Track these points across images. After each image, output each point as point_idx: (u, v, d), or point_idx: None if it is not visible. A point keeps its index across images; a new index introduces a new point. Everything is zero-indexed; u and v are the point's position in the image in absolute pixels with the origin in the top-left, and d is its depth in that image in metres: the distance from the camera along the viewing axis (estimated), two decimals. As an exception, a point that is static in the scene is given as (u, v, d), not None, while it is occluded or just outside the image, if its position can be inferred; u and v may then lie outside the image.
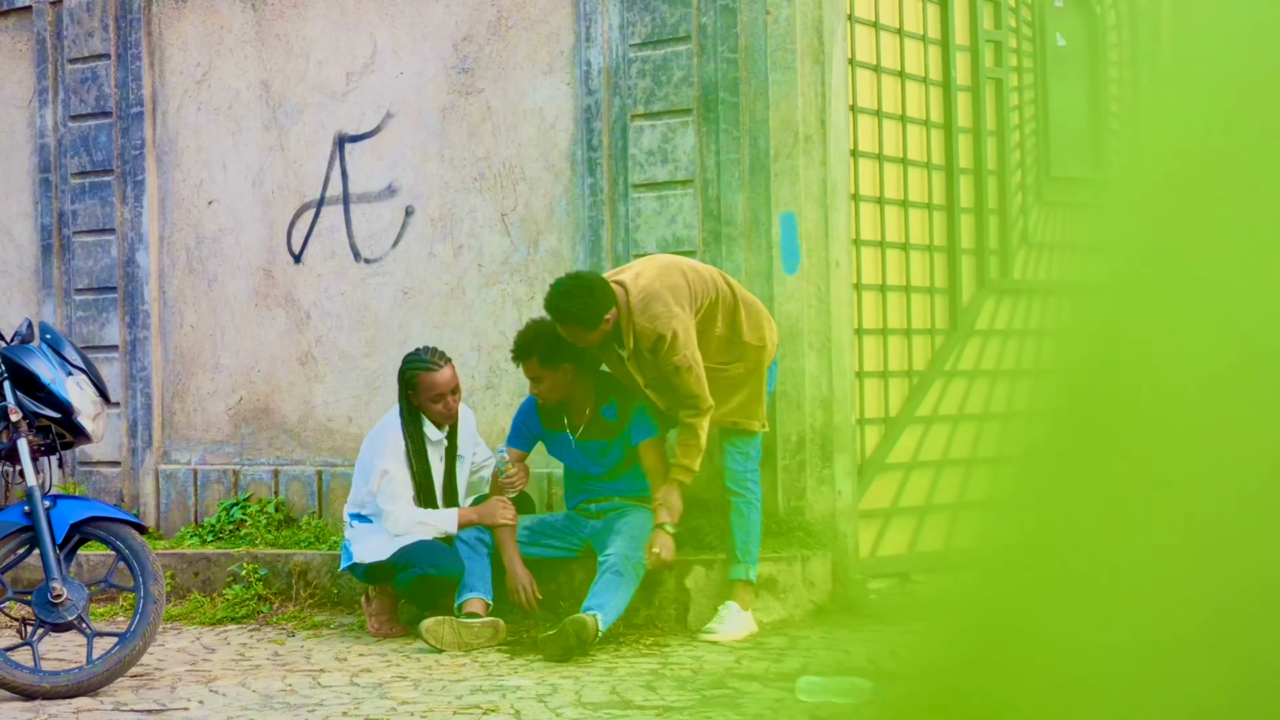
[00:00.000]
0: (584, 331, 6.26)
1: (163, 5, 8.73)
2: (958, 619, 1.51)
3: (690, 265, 6.49)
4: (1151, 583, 1.33)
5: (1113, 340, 1.42)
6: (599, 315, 6.20)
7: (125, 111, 8.78)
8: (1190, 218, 1.39)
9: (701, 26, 7.16)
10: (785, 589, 6.78)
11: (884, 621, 6.79)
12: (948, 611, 1.54)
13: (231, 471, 8.46)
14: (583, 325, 6.23)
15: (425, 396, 6.69)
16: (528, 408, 6.81)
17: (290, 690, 5.69)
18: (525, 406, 6.84)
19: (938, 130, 7.85)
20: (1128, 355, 1.39)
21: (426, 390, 6.68)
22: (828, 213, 7.09)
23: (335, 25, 8.21)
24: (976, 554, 1.52)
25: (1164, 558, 1.34)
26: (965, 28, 7.98)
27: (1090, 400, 1.42)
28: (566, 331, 6.30)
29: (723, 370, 6.44)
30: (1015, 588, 1.45)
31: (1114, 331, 1.42)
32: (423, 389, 6.68)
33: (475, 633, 6.38)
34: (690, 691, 5.39)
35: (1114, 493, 1.37)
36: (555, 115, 7.57)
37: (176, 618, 7.44)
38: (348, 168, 8.19)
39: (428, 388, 6.67)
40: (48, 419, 5.74)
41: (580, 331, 6.27)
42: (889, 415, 7.56)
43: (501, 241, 7.72)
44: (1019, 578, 1.44)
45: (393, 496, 6.67)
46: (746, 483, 6.52)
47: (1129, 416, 1.38)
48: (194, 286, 8.64)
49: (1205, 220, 1.38)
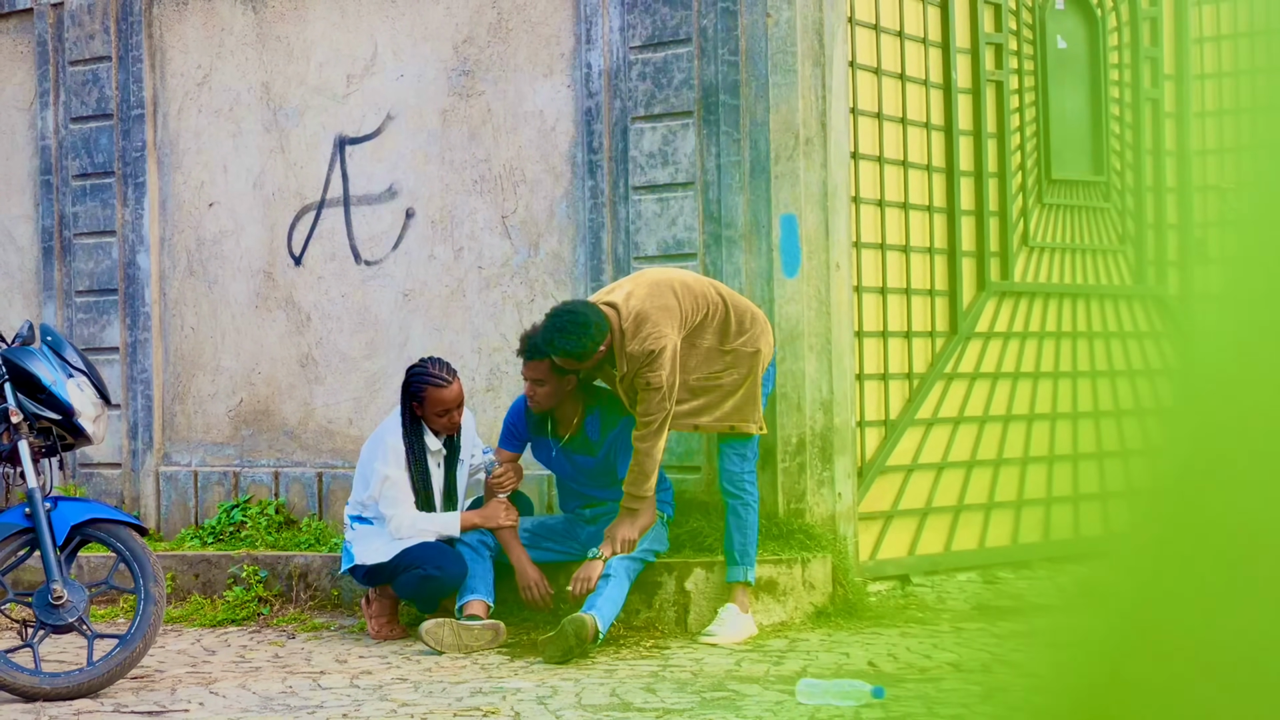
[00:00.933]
0: (577, 364, 6.31)
1: (164, 7, 8.74)
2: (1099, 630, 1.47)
3: (681, 281, 6.47)
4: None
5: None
6: (594, 350, 6.24)
7: (126, 114, 8.78)
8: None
9: (702, 29, 7.16)
10: (785, 591, 6.78)
11: (884, 624, 6.79)
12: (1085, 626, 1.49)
13: (232, 473, 8.47)
14: (577, 360, 6.27)
15: (431, 411, 6.69)
16: (517, 410, 6.81)
17: (290, 692, 5.70)
18: (515, 409, 6.83)
19: (938, 133, 7.85)
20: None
21: (434, 405, 6.68)
22: (828, 215, 7.09)
23: (336, 27, 8.21)
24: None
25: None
26: (966, 30, 7.98)
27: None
28: (561, 362, 6.34)
29: (715, 379, 6.44)
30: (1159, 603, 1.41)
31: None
32: (429, 404, 6.68)
33: (475, 635, 6.38)
34: (690, 694, 5.39)
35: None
36: (556, 117, 7.58)
37: (177, 619, 7.44)
38: (348, 170, 8.19)
39: (435, 403, 6.68)
40: (48, 421, 5.74)
41: (573, 364, 6.31)
42: (889, 418, 7.57)
43: (502, 244, 7.73)
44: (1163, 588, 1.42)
45: (394, 502, 6.67)
46: (743, 484, 6.52)
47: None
48: (194, 288, 8.65)
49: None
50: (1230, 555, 1.37)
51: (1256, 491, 1.35)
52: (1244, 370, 1.40)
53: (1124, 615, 1.43)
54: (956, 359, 7.88)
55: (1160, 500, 1.45)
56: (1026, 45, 8.25)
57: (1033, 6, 8.26)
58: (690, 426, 6.52)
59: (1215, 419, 1.42)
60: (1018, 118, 8.19)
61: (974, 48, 7.99)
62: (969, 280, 7.95)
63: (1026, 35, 8.25)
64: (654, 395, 6.23)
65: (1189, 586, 1.38)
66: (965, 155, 7.93)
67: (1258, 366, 1.38)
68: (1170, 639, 1.37)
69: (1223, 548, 1.37)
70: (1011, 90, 8.14)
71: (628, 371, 6.30)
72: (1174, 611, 1.38)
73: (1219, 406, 1.41)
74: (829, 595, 6.92)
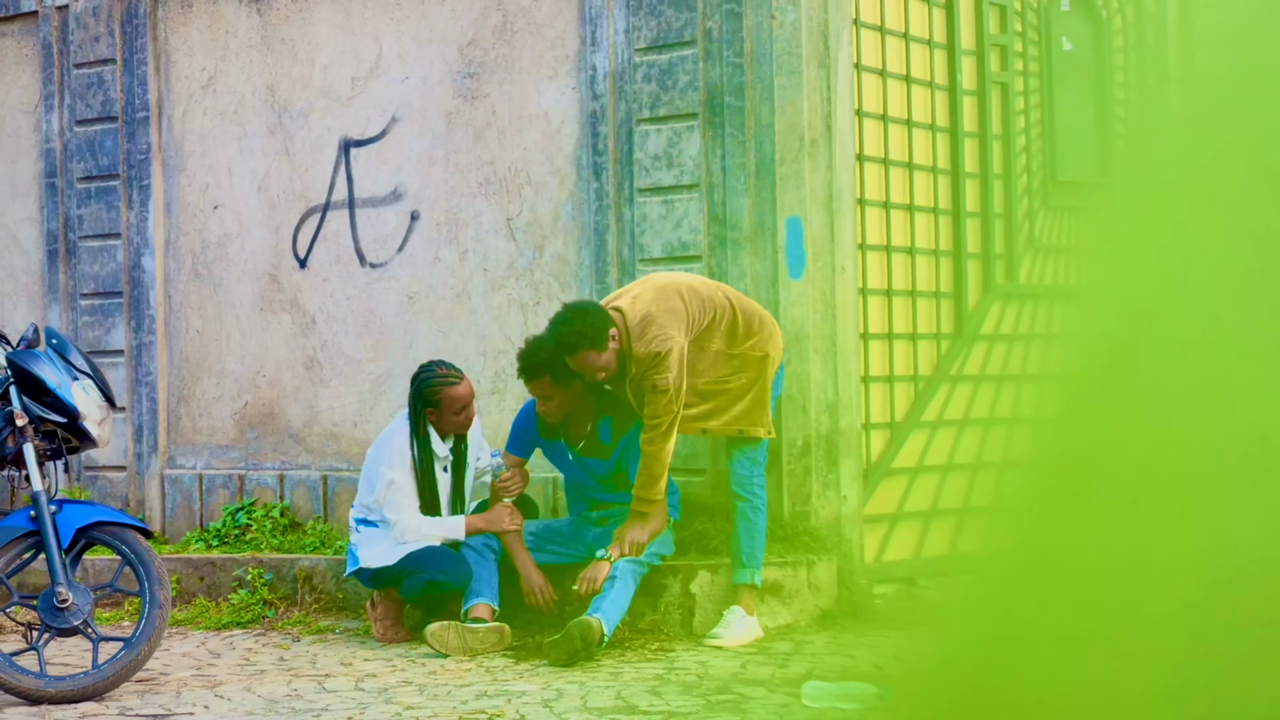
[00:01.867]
0: (596, 354, 6.25)
1: (168, 10, 8.74)
2: (966, 626, 1.51)
3: (687, 285, 6.46)
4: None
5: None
6: (603, 335, 6.20)
7: (131, 116, 8.78)
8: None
9: (707, 31, 7.16)
10: (791, 594, 6.77)
11: (889, 626, 6.78)
12: (955, 618, 1.54)
13: (237, 476, 8.47)
14: (594, 348, 6.22)
15: (449, 410, 6.67)
16: (527, 415, 6.80)
17: (295, 695, 5.69)
18: (525, 414, 6.83)
19: (943, 135, 7.84)
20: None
21: (450, 405, 6.66)
22: (833, 217, 7.09)
23: (340, 30, 8.21)
24: (985, 559, 1.53)
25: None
26: (971, 32, 7.97)
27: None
28: (576, 362, 6.29)
29: (724, 383, 6.44)
30: (1023, 596, 1.45)
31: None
32: (445, 404, 6.66)
33: (480, 638, 6.38)
34: (695, 696, 5.39)
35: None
36: (560, 120, 7.57)
37: (182, 622, 7.44)
38: (353, 172, 8.19)
39: (451, 402, 6.66)
40: (53, 424, 5.74)
41: (593, 355, 6.25)
42: (894, 420, 7.56)
43: (507, 246, 7.72)
44: (1027, 585, 1.45)
45: (398, 506, 6.66)
46: (752, 487, 6.51)
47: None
48: (199, 291, 8.65)
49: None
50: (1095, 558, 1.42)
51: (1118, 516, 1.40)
52: (1114, 373, 1.43)
53: (990, 630, 1.48)
54: (962, 361, 7.87)
55: (1030, 516, 1.49)
56: (1032, 47, 8.24)
57: (1038, 8, 8.25)
58: (699, 430, 6.51)
59: (1087, 430, 1.45)
60: (1023, 119, 8.18)
61: (979, 49, 7.99)
62: (974, 282, 7.94)
63: (1032, 37, 8.25)
64: (661, 398, 6.22)
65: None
66: (970, 157, 7.93)
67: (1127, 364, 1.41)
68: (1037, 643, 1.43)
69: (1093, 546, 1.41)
70: (1017, 92, 8.13)
71: (635, 374, 6.29)
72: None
73: (1089, 410, 1.44)
74: (834, 598, 6.91)
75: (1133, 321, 1.41)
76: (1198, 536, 1.33)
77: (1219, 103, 1.44)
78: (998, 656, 1.45)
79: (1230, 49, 1.48)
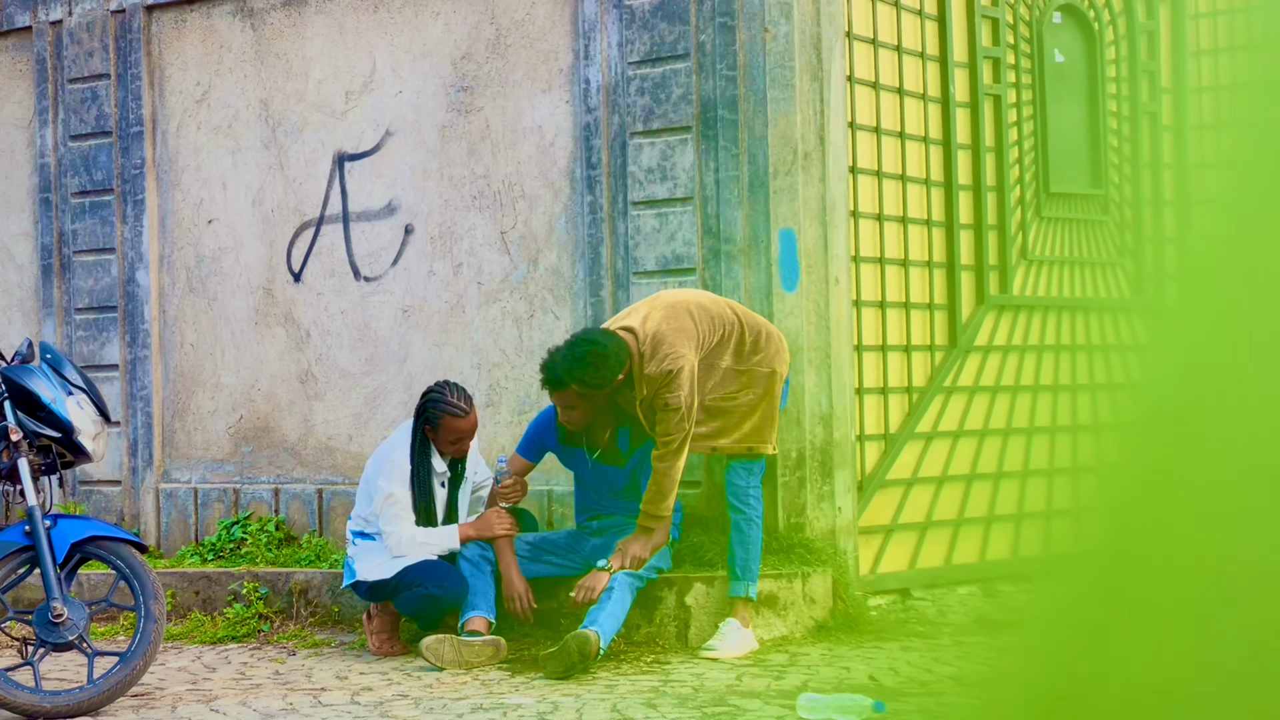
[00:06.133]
0: (597, 392, 6.31)
1: (162, 25, 8.75)
2: (1053, 629, 1.52)
3: (697, 303, 6.48)
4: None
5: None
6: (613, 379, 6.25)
7: (125, 131, 8.79)
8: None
9: (700, 44, 7.17)
10: (786, 606, 6.78)
11: (884, 638, 6.79)
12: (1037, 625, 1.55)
13: (232, 490, 8.47)
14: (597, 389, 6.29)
15: (444, 438, 6.69)
16: (546, 420, 6.79)
17: (291, 709, 5.69)
18: (544, 418, 6.82)
19: (936, 147, 7.86)
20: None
21: (447, 433, 6.67)
22: (827, 229, 7.10)
23: (334, 44, 8.23)
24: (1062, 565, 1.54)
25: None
26: (964, 44, 7.99)
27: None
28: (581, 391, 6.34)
29: (731, 399, 6.45)
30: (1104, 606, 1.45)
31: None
32: (443, 431, 6.67)
33: (476, 651, 6.38)
34: (691, 709, 5.39)
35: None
36: (554, 133, 7.59)
37: (177, 637, 7.44)
38: (347, 186, 8.20)
39: (449, 431, 6.67)
40: (48, 438, 5.74)
41: (594, 392, 6.31)
42: (889, 431, 7.57)
43: (501, 259, 7.73)
44: (1117, 587, 1.45)
45: (394, 519, 6.67)
46: (747, 499, 6.52)
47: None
48: (194, 305, 8.65)
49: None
50: (1183, 571, 1.42)
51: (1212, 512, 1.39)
52: (1201, 388, 1.43)
53: (1074, 633, 1.48)
54: (956, 373, 7.88)
55: (1113, 519, 1.49)
56: (1024, 59, 8.26)
57: (1030, 20, 8.28)
58: (708, 449, 6.53)
59: (1171, 438, 1.45)
60: (1016, 131, 8.20)
61: (972, 62, 8.01)
62: (968, 294, 7.95)
63: (1024, 49, 8.27)
64: (673, 416, 6.24)
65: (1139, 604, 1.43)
66: (964, 169, 7.94)
67: (1215, 380, 1.41)
68: (1116, 657, 1.43)
69: (1174, 561, 1.41)
70: (1009, 104, 8.16)
71: (647, 394, 6.30)
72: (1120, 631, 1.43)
73: (1174, 426, 1.44)
74: (830, 609, 6.92)
75: (1220, 327, 1.42)
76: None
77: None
78: (1088, 659, 1.45)
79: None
